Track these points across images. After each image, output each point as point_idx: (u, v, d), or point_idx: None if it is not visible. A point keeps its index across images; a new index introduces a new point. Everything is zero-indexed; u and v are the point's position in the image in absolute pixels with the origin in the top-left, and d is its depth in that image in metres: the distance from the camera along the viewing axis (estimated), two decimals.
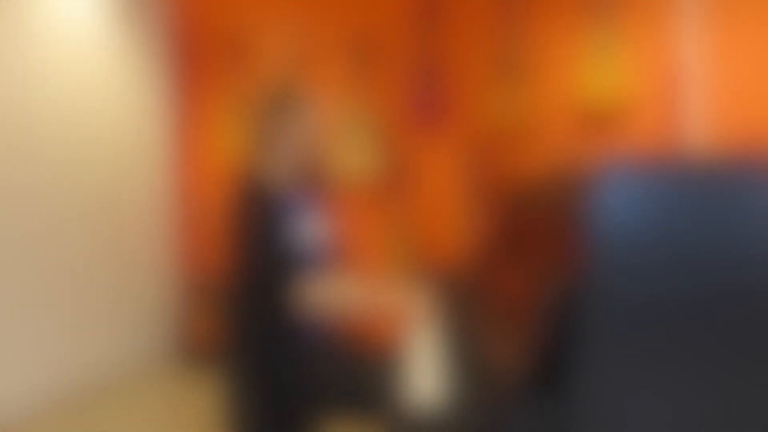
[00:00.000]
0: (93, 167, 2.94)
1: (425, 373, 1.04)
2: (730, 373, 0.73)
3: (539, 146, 2.88)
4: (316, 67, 3.39)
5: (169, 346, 3.47)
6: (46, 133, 2.69)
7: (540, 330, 0.79)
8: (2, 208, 2.47)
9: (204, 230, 3.19)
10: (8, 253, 2.49)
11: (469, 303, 1.34)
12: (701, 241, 0.74)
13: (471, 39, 2.96)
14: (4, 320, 2.47)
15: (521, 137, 2.93)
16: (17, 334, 2.53)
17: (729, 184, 0.72)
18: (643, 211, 0.73)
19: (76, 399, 2.80)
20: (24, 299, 2.56)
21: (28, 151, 2.59)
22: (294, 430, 1.33)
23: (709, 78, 2.56)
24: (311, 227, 1.51)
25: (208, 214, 3.31)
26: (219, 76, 3.68)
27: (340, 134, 3.17)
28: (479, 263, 1.38)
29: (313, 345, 1.46)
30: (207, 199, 3.30)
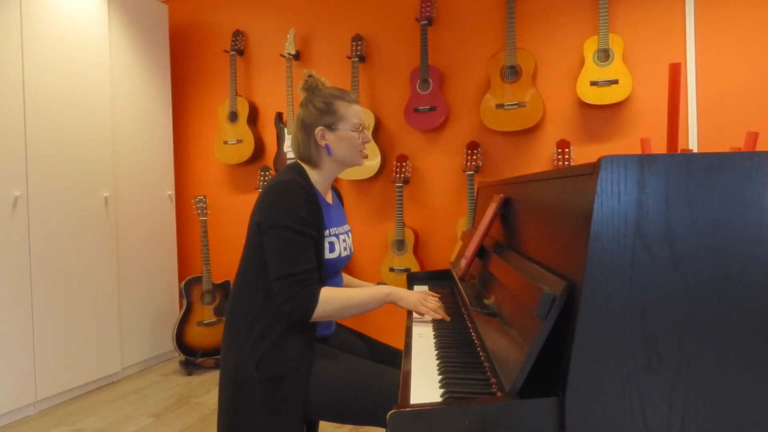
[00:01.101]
0: (93, 166, 2.93)
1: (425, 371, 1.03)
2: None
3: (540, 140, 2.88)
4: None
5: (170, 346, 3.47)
6: (44, 133, 2.68)
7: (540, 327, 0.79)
8: (1, 209, 2.47)
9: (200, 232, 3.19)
10: (6, 253, 2.49)
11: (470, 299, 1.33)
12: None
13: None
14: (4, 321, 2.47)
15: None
16: (15, 333, 2.53)
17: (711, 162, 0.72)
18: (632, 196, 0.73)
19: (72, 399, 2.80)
20: (22, 299, 2.55)
21: (26, 151, 2.59)
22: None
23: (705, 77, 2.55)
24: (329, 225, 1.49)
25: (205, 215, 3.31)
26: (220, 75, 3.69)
27: None
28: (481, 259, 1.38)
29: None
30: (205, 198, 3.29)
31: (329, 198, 1.54)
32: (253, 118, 3.52)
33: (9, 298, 2.49)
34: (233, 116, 3.44)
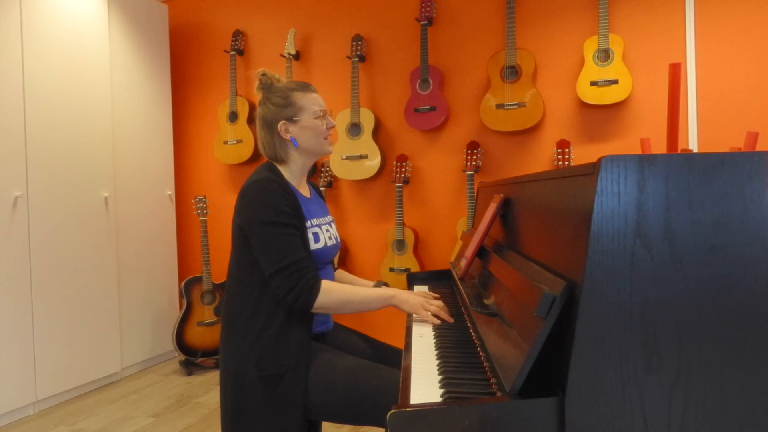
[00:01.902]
0: (93, 166, 2.93)
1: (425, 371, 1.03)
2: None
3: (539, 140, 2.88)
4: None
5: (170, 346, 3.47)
6: (44, 133, 2.68)
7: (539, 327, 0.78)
8: (1, 209, 2.47)
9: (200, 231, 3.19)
10: (6, 253, 2.49)
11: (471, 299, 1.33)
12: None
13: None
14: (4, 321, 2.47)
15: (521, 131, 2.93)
16: (15, 333, 2.53)
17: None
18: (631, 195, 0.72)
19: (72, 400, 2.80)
20: (22, 299, 2.55)
21: (26, 152, 2.59)
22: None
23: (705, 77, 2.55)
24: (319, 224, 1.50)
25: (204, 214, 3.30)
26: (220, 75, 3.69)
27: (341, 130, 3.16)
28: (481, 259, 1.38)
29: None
30: (205, 197, 3.29)
31: (305, 192, 1.55)
32: (253, 118, 3.52)
33: (9, 298, 2.49)
34: (233, 116, 3.44)
